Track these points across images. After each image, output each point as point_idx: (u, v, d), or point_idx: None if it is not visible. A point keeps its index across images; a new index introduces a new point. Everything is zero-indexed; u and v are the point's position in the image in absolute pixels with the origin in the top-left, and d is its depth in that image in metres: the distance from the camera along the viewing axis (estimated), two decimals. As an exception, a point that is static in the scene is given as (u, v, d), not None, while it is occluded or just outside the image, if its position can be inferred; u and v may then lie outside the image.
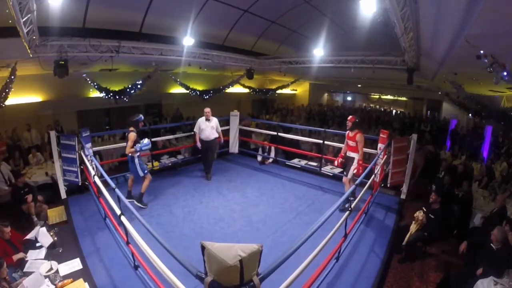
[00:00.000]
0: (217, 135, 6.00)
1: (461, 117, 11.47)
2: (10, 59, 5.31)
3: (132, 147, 4.46)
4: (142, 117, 4.77)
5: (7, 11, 3.41)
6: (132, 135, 4.47)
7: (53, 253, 3.47)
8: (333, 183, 5.93)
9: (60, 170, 4.91)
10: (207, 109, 5.93)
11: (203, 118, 5.90)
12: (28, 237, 3.64)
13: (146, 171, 4.69)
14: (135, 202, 4.64)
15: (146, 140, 4.62)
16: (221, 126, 8.21)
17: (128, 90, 7.55)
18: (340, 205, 2.94)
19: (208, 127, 5.88)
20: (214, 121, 5.97)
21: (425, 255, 4.48)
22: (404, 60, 6.66)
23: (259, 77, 12.88)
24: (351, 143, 4.66)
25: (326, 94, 19.16)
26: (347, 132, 4.74)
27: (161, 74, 8.57)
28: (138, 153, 4.58)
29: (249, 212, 4.61)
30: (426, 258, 4.46)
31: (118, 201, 3.01)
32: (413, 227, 4.30)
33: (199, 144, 5.92)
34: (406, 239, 4.26)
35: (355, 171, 4.51)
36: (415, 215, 4.35)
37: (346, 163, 4.76)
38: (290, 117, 13.62)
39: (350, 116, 4.71)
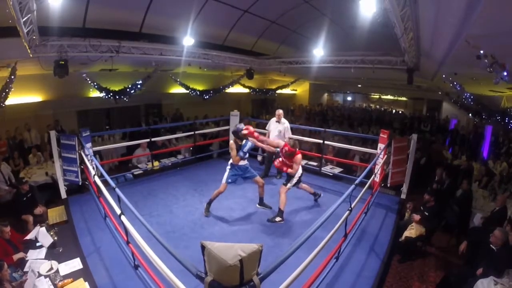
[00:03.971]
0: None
1: (461, 117, 11.49)
2: (10, 59, 5.32)
3: (236, 155, 4.24)
4: (242, 126, 4.35)
5: (7, 11, 3.42)
6: (231, 144, 4.32)
7: (53, 253, 3.47)
8: (333, 183, 5.93)
9: (60, 170, 4.90)
10: (279, 111, 5.74)
11: (275, 118, 5.76)
12: (28, 237, 3.64)
13: (227, 180, 4.37)
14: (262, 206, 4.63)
15: (244, 141, 4.32)
16: (221, 126, 8.28)
17: (128, 90, 7.56)
18: (340, 205, 2.94)
19: (275, 129, 5.69)
20: (283, 124, 5.65)
21: (425, 255, 4.49)
22: (404, 60, 6.66)
23: (259, 77, 12.88)
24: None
25: (326, 94, 19.17)
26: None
27: (161, 74, 8.57)
28: (238, 162, 4.29)
29: (249, 212, 4.61)
30: (426, 258, 4.46)
31: (118, 200, 3.00)
32: (413, 231, 4.32)
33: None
34: (403, 236, 4.29)
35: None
36: (412, 218, 4.41)
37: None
38: (290, 117, 13.61)
39: None
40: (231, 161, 4.39)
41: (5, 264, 2.79)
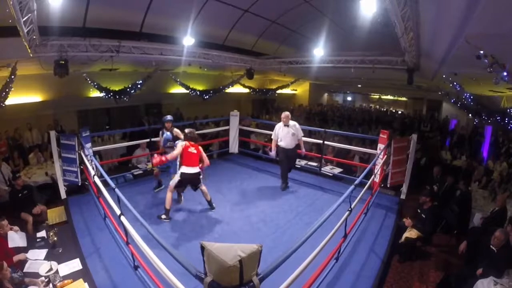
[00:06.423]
0: (297, 143, 5.31)
1: (461, 117, 11.48)
2: (10, 59, 5.31)
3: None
4: (167, 118, 4.94)
5: (7, 10, 3.41)
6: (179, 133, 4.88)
7: (53, 253, 3.48)
8: (333, 183, 5.93)
9: (60, 170, 4.90)
10: (285, 113, 5.24)
11: (281, 123, 5.25)
12: (20, 258, 3.36)
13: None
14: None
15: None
16: (221, 126, 8.26)
17: (128, 90, 7.56)
18: (340, 205, 2.94)
19: (288, 134, 5.19)
20: (294, 126, 5.22)
21: (425, 255, 4.49)
22: (404, 60, 6.66)
23: (259, 77, 12.88)
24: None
25: (326, 94, 19.16)
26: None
27: (161, 74, 8.57)
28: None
29: (249, 212, 4.61)
30: (426, 258, 4.46)
31: (118, 201, 3.00)
32: (413, 232, 4.33)
33: (273, 153, 5.31)
34: (403, 237, 4.29)
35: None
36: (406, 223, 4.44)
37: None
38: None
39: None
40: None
41: (5, 263, 2.78)
